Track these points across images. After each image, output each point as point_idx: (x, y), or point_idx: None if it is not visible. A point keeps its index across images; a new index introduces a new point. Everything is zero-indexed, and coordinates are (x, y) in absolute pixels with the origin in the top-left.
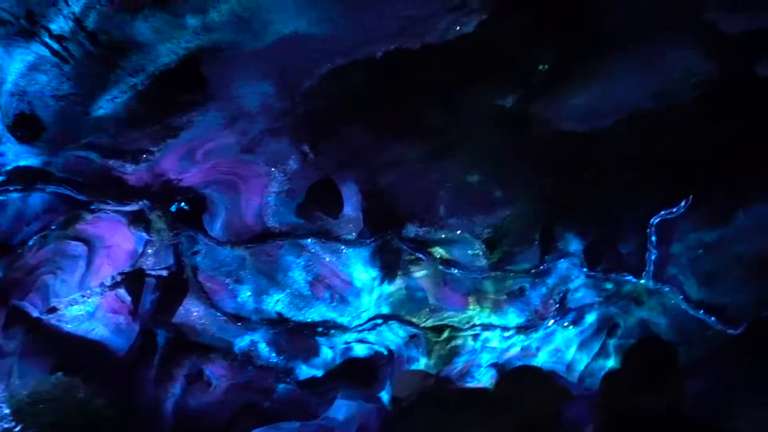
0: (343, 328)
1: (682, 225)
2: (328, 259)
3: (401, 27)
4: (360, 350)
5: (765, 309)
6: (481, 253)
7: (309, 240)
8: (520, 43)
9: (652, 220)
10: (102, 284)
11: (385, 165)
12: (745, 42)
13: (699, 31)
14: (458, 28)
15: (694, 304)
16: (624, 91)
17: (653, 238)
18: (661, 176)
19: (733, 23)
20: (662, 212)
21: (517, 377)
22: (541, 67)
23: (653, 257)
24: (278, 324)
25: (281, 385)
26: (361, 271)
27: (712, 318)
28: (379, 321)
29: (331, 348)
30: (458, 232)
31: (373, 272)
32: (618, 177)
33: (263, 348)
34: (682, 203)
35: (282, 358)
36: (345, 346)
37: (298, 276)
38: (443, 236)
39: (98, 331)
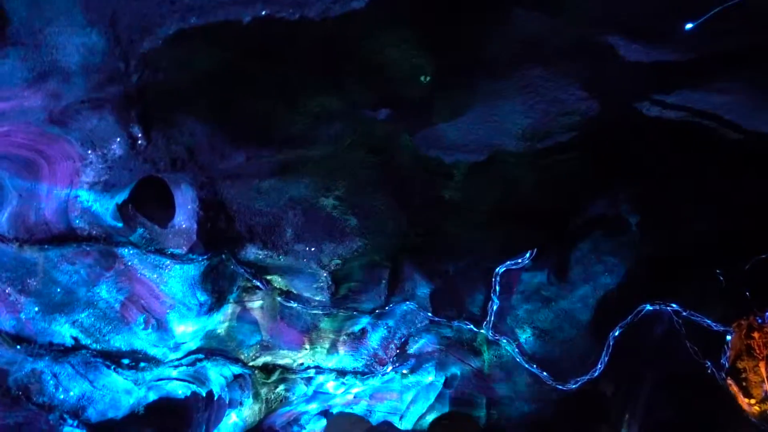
0: (156, 362)
1: (523, 277)
2: (147, 276)
3: None
4: (174, 389)
5: (595, 368)
6: (325, 286)
7: (126, 250)
8: (407, 44)
9: (497, 269)
10: None
11: (231, 171)
12: (637, 75)
13: (592, 58)
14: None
15: (528, 357)
16: (496, 125)
17: (497, 288)
18: (513, 225)
19: (632, 50)
20: (508, 262)
21: None
22: (423, 78)
23: (495, 307)
24: (72, 351)
25: (66, 429)
26: (186, 294)
27: (545, 373)
28: (201, 356)
29: (136, 385)
30: (304, 260)
31: (201, 297)
32: (471, 220)
33: (48, 380)
34: (527, 255)
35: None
36: (155, 383)
37: (107, 293)
38: (286, 263)
39: None
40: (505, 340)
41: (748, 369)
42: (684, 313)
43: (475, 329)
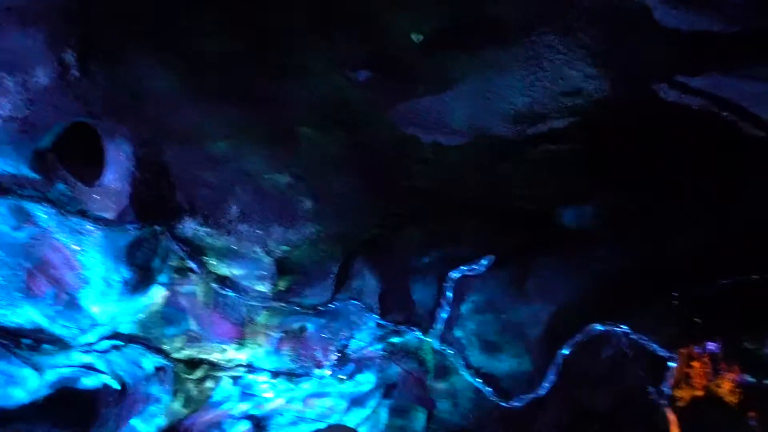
0: (63, 345)
1: (477, 285)
2: (63, 242)
3: None
4: (81, 378)
5: (541, 386)
6: (268, 275)
7: (40, 207)
8: None
9: (451, 273)
10: None
11: (179, 130)
12: (667, 47)
13: (618, 24)
14: None
15: (473, 371)
16: (487, 103)
17: (449, 294)
18: (483, 225)
19: (670, 15)
20: (463, 267)
21: None
22: (415, 36)
23: (444, 315)
24: None
25: None
26: (108, 267)
27: (488, 388)
28: (118, 342)
29: (36, 370)
30: (247, 243)
31: (126, 273)
32: (439, 216)
33: None
34: (484, 261)
35: None
36: (60, 370)
37: (12, 258)
38: (227, 245)
39: None
40: (451, 351)
41: (685, 398)
42: (632, 336)
43: (421, 337)
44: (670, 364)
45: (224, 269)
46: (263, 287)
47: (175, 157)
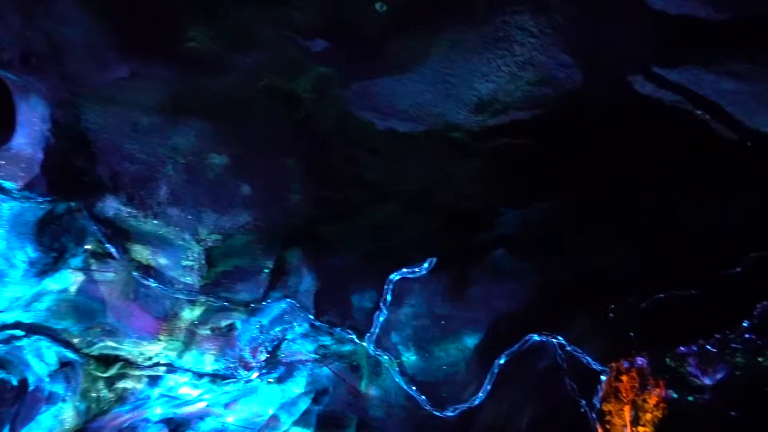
0: None
1: (416, 289)
2: None
3: None
4: None
5: (476, 396)
6: (196, 266)
7: None
8: None
9: (392, 275)
10: None
11: (105, 92)
12: (650, 32)
13: (601, 5)
14: None
15: (408, 378)
16: (448, 88)
17: (388, 298)
18: (430, 224)
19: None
20: (404, 270)
21: None
22: (379, 5)
23: (381, 318)
24: None
25: None
26: (12, 245)
27: (423, 397)
28: (20, 332)
29: None
30: (176, 228)
31: (32, 253)
32: (385, 211)
33: None
34: (426, 264)
35: None
36: None
37: None
38: (153, 229)
39: None
40: (386, 357)
41: (613, 412)
42: (568, 348)
43: (357, 341)
44: (602, 377)
45: (148, 256)
46: (190, 279)
47: (98, 123)
